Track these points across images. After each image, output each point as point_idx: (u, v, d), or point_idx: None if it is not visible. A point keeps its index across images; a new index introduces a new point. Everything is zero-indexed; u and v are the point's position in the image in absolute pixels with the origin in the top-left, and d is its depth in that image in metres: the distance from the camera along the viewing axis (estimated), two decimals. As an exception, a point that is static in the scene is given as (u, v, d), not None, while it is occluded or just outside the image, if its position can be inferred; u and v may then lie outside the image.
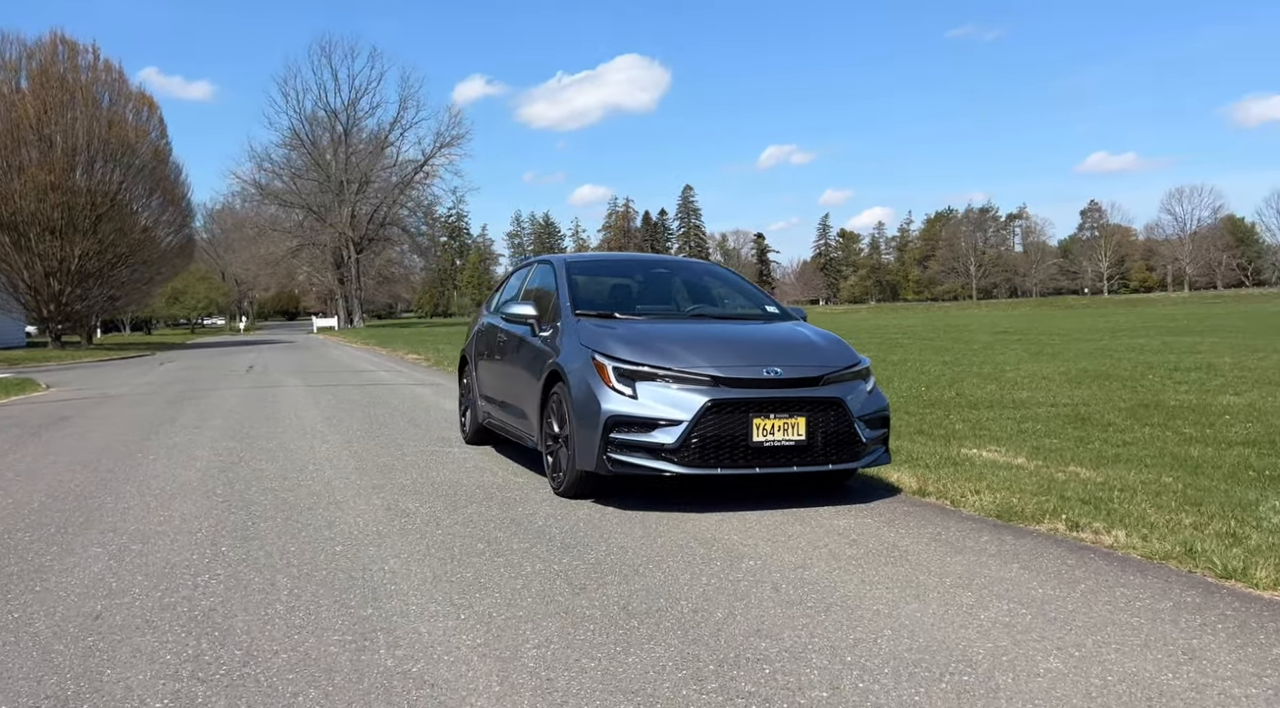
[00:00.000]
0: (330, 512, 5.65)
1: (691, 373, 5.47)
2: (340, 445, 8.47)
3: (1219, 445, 7.85)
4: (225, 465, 7.45)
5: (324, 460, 7.63)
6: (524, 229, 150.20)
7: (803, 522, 5.24)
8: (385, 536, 5.02)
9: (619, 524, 5.22)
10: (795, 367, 5.60)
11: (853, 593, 3.87)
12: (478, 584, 4.10)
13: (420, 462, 7.50)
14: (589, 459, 5.58)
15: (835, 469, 5.61)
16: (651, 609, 3.70)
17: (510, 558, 4.53)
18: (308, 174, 75.06)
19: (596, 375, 5.65)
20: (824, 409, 5.51)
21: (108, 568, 4.48)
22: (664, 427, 5.38)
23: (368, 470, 7.11)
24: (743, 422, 5.36)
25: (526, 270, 7.87)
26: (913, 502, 5.80)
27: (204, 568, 4.44)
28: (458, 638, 3.43)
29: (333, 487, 6.47)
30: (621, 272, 7.30)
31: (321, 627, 3.58)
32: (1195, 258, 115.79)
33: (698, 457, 5.35)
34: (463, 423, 8.66)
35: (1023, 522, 5.22)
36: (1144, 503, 5.53)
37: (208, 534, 5.13)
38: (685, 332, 6.07)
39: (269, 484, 6.60)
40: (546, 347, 6.41)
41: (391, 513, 5.59)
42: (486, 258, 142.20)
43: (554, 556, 4.56)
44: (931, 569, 4.23)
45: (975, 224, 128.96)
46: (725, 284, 7.45)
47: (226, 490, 6.40)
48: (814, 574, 4.17)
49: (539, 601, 3.85)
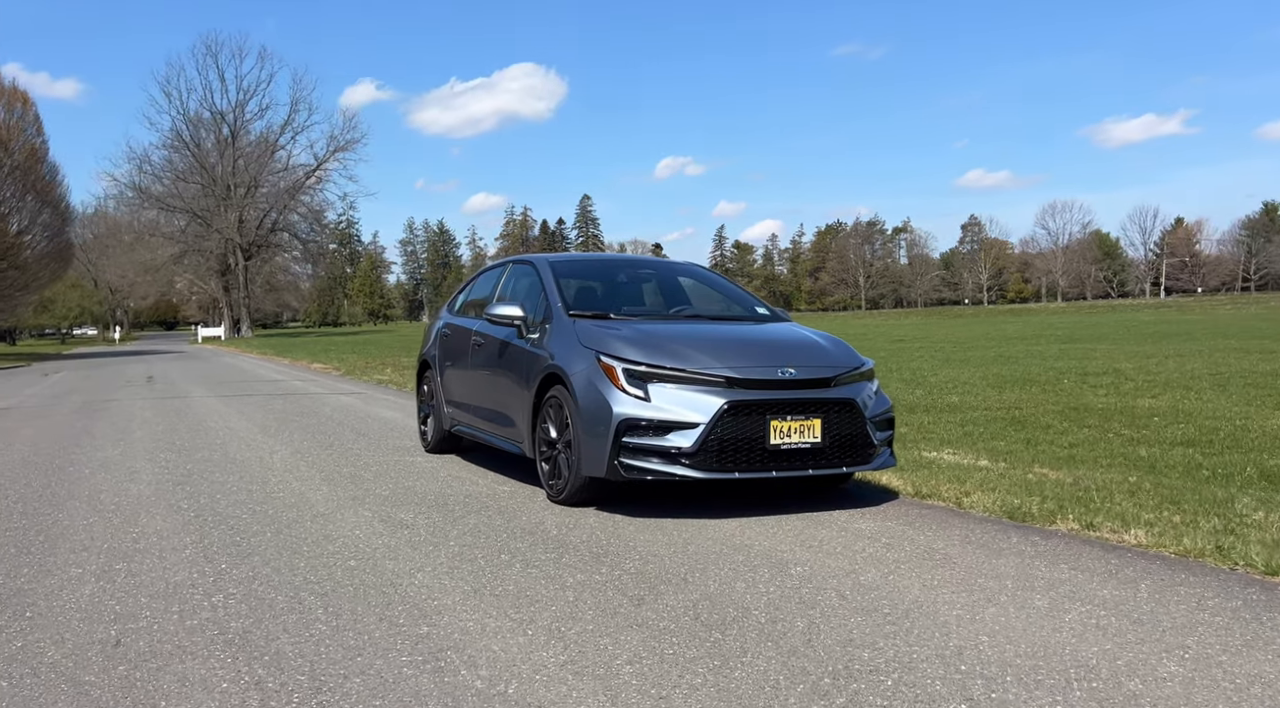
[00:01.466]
0: (320, 525, 5.29)
1: (706, 374, 5.32)
2: (292, 456, 8.03)
3: (1162, 446, 8.08)
4: (177, 479, 6.95)
5: (283, 472, 7.20)
6: (417, 237, 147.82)
7: (823, 525, 5.14)
8: (396, 549, 4.72)
9: (638, 532, 5.03)
10: (808, 367, 5.51)
11: (921, 599, 3.77)
12: (526, 597, 3.86)
13: (389, 471, 7.14)
14: (598, 465, 5.37)
15: (849, 472, 5.53)
16: (726, 620, 3.53)
17: (544, 569, 4.29)
18: (191, 177, 71.99)
19: (604, 377, 5.44)
20: (838, 411, 5.43)
21: (101, 590, 4.07)
22: (680, 430, 5.21)
23: (336, 481, 6.73)
24: (760, 424, 5.24)
25: (499, 271, 7.59)
26: (916, 504, 5.77)
27: (213, 587, 4.07)
28: (538, 655, 3.20)
29: (308, 499, 6.09)
30: (607, 272, 7.10)
31: (380, 647, 3.29)
32: (1067, 270, 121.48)
33: (715, 460, 5.20)
34: (423, 431, 8.31)
35: (1034, 522, 5.23)
36: (1125, 502, 5.60)
37: (197, 551, 4.73)
38: (690, 332, 5.92)
39: (236, 497, 6.17)
40: (536, 349, 6.17)
41: (389, 525, 5.27)
42: (378, 266, 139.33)
43: (589, 565, 4.34)
44: (983, 572, 4.17)
45: (863, 237, 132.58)
46: (711, 285, 7.33)
47: (193, 504, 5.96)
48: (869, 580, 4.06)
49: (602, 613, 3.64)
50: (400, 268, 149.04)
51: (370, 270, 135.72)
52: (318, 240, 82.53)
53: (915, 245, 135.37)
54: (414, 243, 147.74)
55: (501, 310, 6.44)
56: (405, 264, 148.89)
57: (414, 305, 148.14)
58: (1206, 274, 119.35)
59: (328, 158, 72.92)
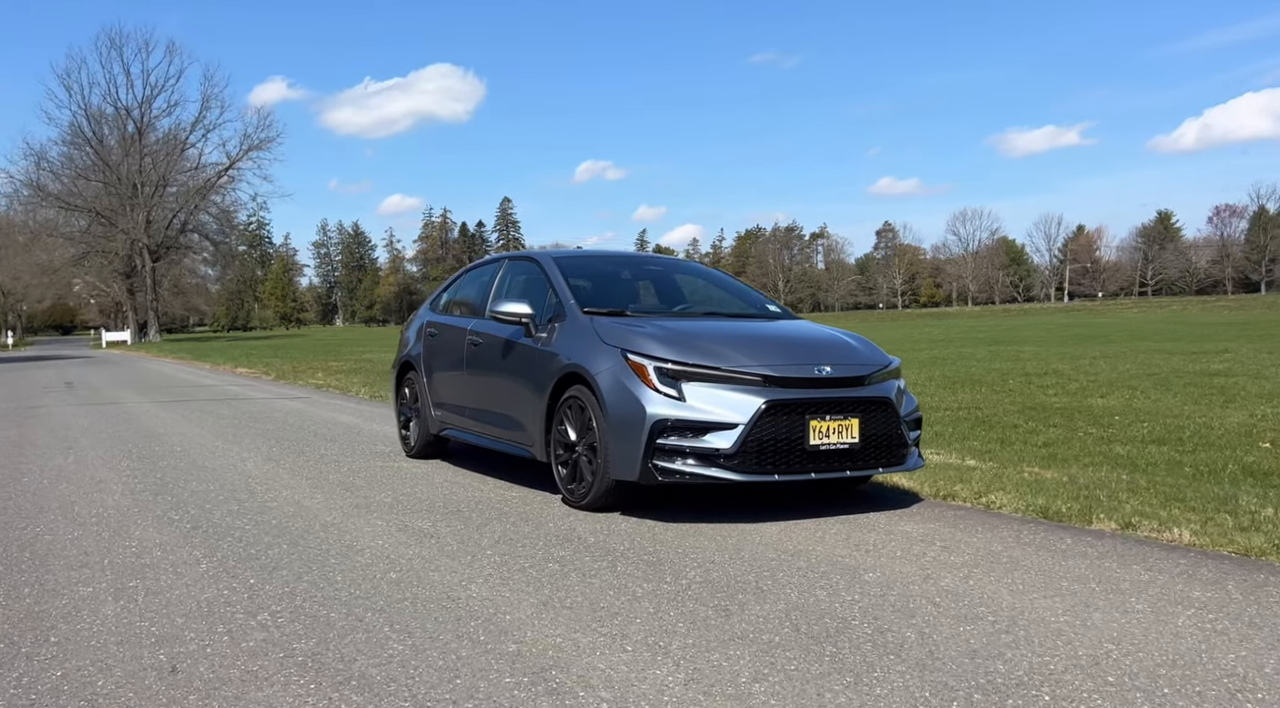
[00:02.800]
0: (336, 535, 4.96)
1: (742, 372, 5.14)
2: (266, 463, 7.60)
3: (1134, 443, 8.19)
4: (152, 489, 6.49)
5: (267, 480, 6.79)
6: (331, 239, 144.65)
7: (866, 528, 5.00)
8: (432, 559, 4.42)
9: (680, 538, 4.82)
10: (842, 365, 5.37)
11: (1018, 605, 3.64)
12: (603, 609, 3.62)
13: (380, 478, 6.79)
14: (629, 468, 5.15)
15: (885, 472, 5.41)
16: (829, 632, 3.35)
17: (604, 578, 4.06)
18: (93, 175, 68.97)
19: (633, 376, 5.22)
20: (874, 410, 5.30)
21: (125, 610, 3.70)
22: (718, 431, 5.02)
23: (328, 489, 6.36)
24: (799, 424, 5.08)
25: (493, 268, 7.27)
26: (943, 506, 5.68)
27: (253, 605, 3.73)
28: (653, 673, 2.97)
29: (308, 508, 5.72)
30: (613, 269, 6.85)
31: (475, 668, 3.02)
32: (977, 276, 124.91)
33: (755, 462, 5.02)
34: (404, 436, 7.95)
35: (1070, 522, 5.18)
36: (1133, 500, 5.59)
37: (214, 565, 4.36)
38: (717, 329, 5.74)
39: (228, 507, 5.77)
40: (548, 348, 5.92)
41: (411, 534, 4.96)
42: (290, 269, 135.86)
43: (650, 574, 4.12)
44: (1060, 574, 4.07)
45: (782, 242, 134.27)
46: (718, 282, 7.15)
47: (184, 515, 5.54)
48: (950, 585, 3.92)
49: (693, 625, 3.42)
50: (313, 271, 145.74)
51: (282, 273, 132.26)
52: (229, 242, 80.00)
53: (832, 251, 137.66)
54: (327, 245, 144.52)
55: (509, 307, 6.15)
56: (318, 267, 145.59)
57: (328, 309, 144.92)
58: (1106, 279, 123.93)
59: (241, 156, 70.71)
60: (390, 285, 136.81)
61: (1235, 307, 70.57)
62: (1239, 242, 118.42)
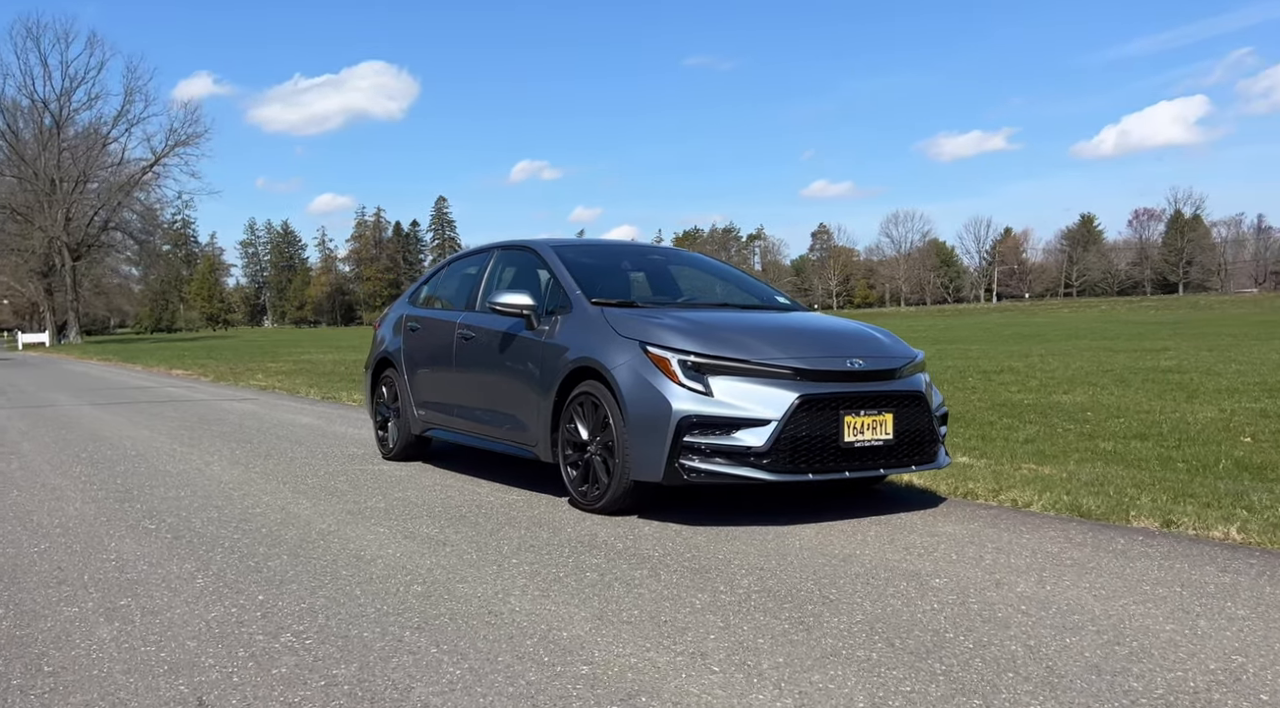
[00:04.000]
0: (338, 544, 4.54)
1: (773, 365, 4.84)
2: (233, 467, 7.10)
3: (1117, 439, 8.10)
4: (116, 496, 5.98)
5: (240, 485, 6.31)
6: (259, 238, 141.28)
7: (904, 529, 4.75)
8: (455, 569, 4.04)
9: (712, 542, 4.51)
10: (873, 358, 5.11)
11: (1111, 613, 3.39)
12: (667, 624, 3.29)
13: (363, 481, 6.36)
14: (652, 468, 4.82)
15: (917, 471, 5.16)
16: (928, 647, 3.06)
17: (651, 588, 3.72)
18: (7, 169, 66.20)
19: (655, 370, 4.90)
20: (907, 404, 5.05)
21: (124, 633, 3.27)
22: (749, 427, 4.71)
23: (312, 494, 5.92)
24: (833, 420, 4.80)
25: (482, 258, 6.86)
26: (970, 504, 5.45)
27: (270, 624, 3.32)
28: (756, 698, 2.64)
29: (297, 516, 5.29)
30: (615, 258, 6.50)
31: (552, 694, 2.67)
32: (909, 277, 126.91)
33: (788, 460, 4.73)
34: (382, 437, 7.51)
35: (1109, 520, 4.99)
36: (1146, 497, 5.43)
37: (212, 580, 3.93)
38: (738, 320, 5.44)
39: (207, 515, 5.31)
40: (553, 341, 5.56)
41: (420, 542, 4.57)
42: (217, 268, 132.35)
43: (701, 583, 3.80)
44: (1137, 578, 3.84)
45: (720, 244, 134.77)
46: (723, 272, 6.84)
47: (159, 524, 5.07)
48: (1028, 591, 3.67)
49: (775, 641, 3.11)
50: (241, 271, 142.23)
51: (209, 273, 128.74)
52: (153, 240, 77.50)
53: (769, 252, 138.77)
54: (256, 244, 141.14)
55: (508, 299, 5.77)
56: (246, 267, 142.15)
57: (256, 310, 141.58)
58: (1033, 280, 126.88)
59: (167, 152, 68.57)
60: (322, 286, 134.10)
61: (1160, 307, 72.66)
62: (1157, 244, 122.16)
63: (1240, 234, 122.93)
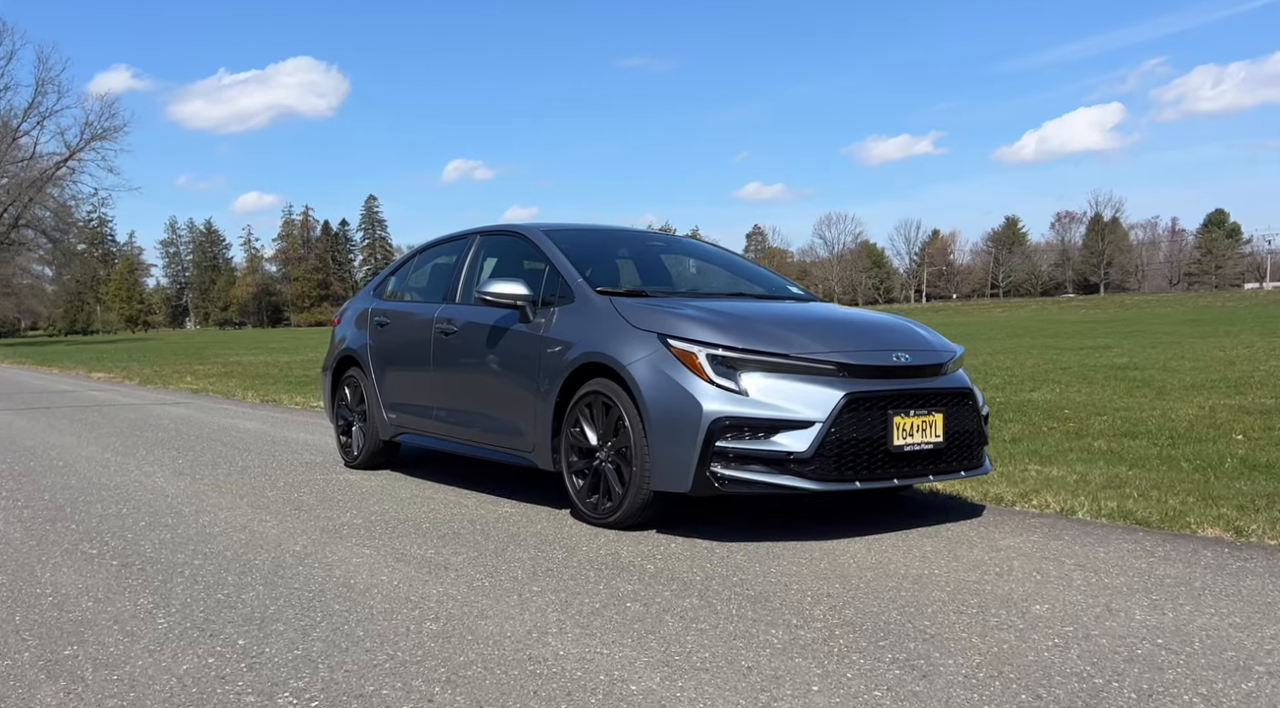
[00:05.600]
0: (321, 571, 3.89)
1: (814, 360, 4.31)
2: (178, 478, 6.35)
3: (1107, 438, 7.78)
4: (46, 514, 5.22)
5: (190, 499, 5.59)
6: (181, 237, 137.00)
7: (959, 542, 4.25)
8: (468, 602, 3.42)
9: (757, 561, 3.95)
10: (919, 352, 4.60)
11: (1266, 647, 2.93)
12: (753, 671, 2.72)
13: (332, 494, 5.68)
14: (678, 477, 4.25)
15: (966, 477, 4.67)
16: (1087, 702, 2.54)
17: (712, 622, 3.16)
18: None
19: (680, 366, 4.33)
20: (957, 403, 4.56)
21: (75, 698, 2.59)
22: (789, 430, 4.17)
23: (275, 510, 5.23)
24: (882, 421, 4.28)
25: (461, 245, 6.19)
26: (1011, 512, 4.98)
27: (265, 680, 2.67)
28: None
29: (262, 535, 4.60)
30: (613, 244, 5.90)
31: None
32: (842, 278, 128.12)
33: (834, 467, 4.19)
34: (345, 443, 6.80)
35: (1166, 528, 4.57)
36: (1173, 499, 5.08)
37: (179, 618, 3.26)
38: (767, 310, 4.89)
39: (157, 536, 4.60)
40: (552, 335, 4.96)
41: (415, 566, 3.93)
42: (136, 268, 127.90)
43: (765, 615, 3.24)
44: (1266, 600, 3.39)
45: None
46: (730, 260, 6.27)
47: (100, 548, 4.35)
48: (1149, 620, 3.18)
49: (902, 697, 2.56)
50: (161, 271, 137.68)
51: (127, 273, 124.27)
52: (67, 239, 74.38)
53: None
54: (177, 244, 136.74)
55: (500, 288, 5.14)
56: (167, 267, 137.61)
57: (178, 311, 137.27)
58: (960, 281, 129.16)
59: (82, 147, 65.80)
60: (248, 286, 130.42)
61: (1089, 306, 74.26)
62: (1078, 246, 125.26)
63: (1155, 236, 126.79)
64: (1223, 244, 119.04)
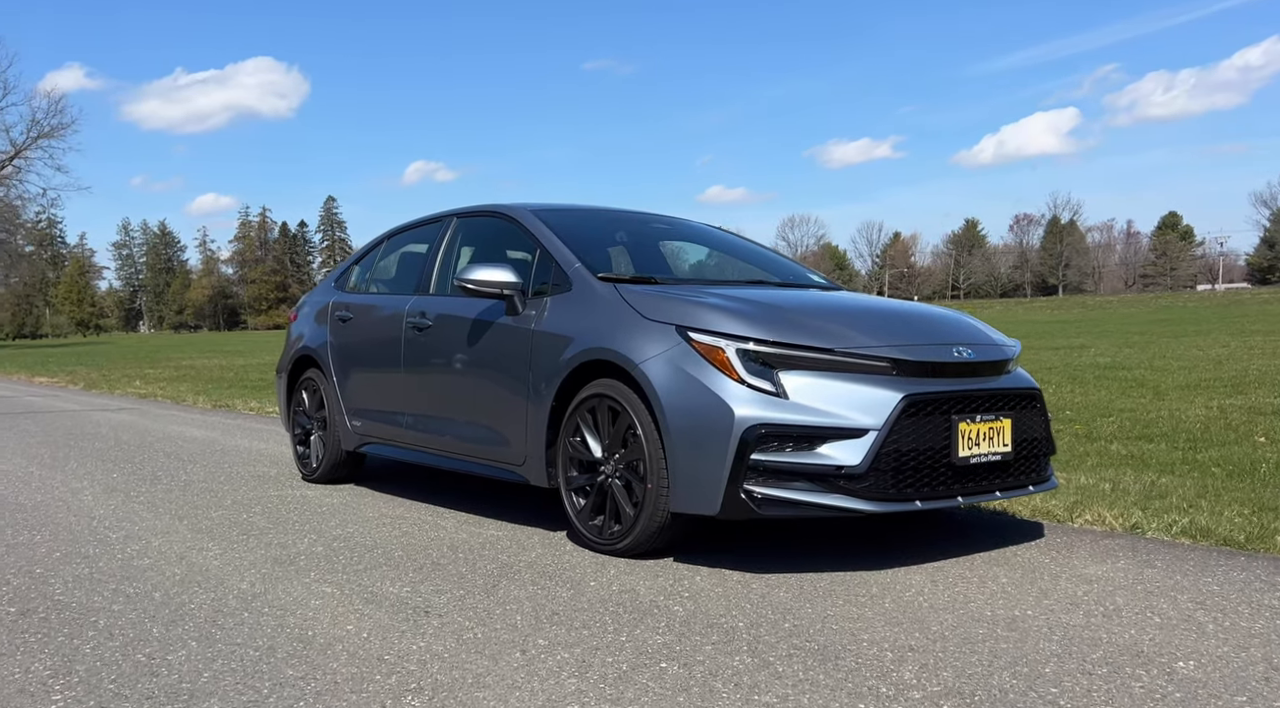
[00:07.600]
0: (272, 619, 3.13)
1: (864, 356, 3.62)
2: (110, 496, 5.54)
3: (1121, 441, 7.23)
4: (-55, 541, 4.40)
5: (119, 521, 4.79)
6: (134, 239, 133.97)
7: (1036, 572, 3.59)
8: (457, 661, 2.69)
9: (804, 601, 3.26)
10: (980, 347, 3.94)
11: None
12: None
13: (286, 515, 4.91)
14: (705, 497, 3.54)
15: (1034, 492, 4.00)
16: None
17: (778, 692, 2.45)
18: None
19: (705, 364, 3.62)
20: (1025, 407, 3.90)
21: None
22: (838, 439, 3.48)
23: (219, 535, 4.45)
24: (944, 428, 3.61)
25: (435, 229, 5.43)
26: (1071, 530, 4.34)
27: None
28: None
29: (201, 568, 3.83)
30: (608, 226, 5.17)
31: None
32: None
33: (891, 483, 3.51)
34: (302, 453, 6.02)
35: (1250, 548, 3.96)
36: (1230, 511, 4.52)
37: (84, 692, 2.50)
38: (802, 299, 4.20)
39: (73, 569, 3.81)
40: (546, 328, 4.24)
41: (388, 610, 3.19)
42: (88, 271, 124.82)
43: (846, 683, 2.54)
44: None
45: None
46: (742, 245, 5.58)
47: (6, 589, 3.56)
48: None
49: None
50: (114, 273, 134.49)
51: (78, 276, 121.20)
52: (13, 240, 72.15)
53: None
54: (130, 246, 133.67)
55: (484, 274, 4.40)
56: (120, 269, 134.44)
57: (131, 315, 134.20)
58: (921, 283, 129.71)
59: (29, 145, 63.72)
60: (204, 289, 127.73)
61: (1053, 307, 74.54)
62: (1036, 248, 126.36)
63: (1111, 239, 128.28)
64: (1176, 246, 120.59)
